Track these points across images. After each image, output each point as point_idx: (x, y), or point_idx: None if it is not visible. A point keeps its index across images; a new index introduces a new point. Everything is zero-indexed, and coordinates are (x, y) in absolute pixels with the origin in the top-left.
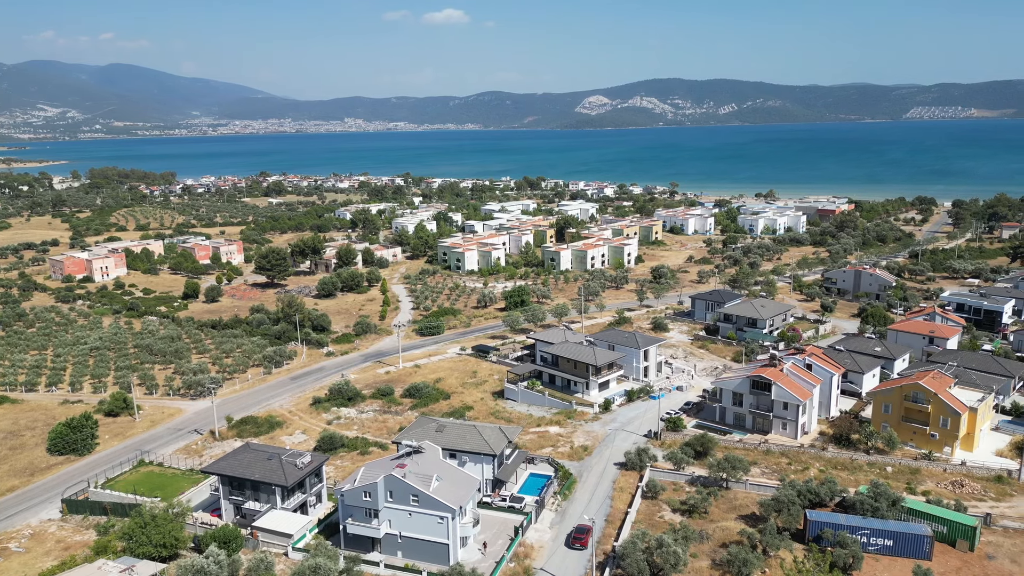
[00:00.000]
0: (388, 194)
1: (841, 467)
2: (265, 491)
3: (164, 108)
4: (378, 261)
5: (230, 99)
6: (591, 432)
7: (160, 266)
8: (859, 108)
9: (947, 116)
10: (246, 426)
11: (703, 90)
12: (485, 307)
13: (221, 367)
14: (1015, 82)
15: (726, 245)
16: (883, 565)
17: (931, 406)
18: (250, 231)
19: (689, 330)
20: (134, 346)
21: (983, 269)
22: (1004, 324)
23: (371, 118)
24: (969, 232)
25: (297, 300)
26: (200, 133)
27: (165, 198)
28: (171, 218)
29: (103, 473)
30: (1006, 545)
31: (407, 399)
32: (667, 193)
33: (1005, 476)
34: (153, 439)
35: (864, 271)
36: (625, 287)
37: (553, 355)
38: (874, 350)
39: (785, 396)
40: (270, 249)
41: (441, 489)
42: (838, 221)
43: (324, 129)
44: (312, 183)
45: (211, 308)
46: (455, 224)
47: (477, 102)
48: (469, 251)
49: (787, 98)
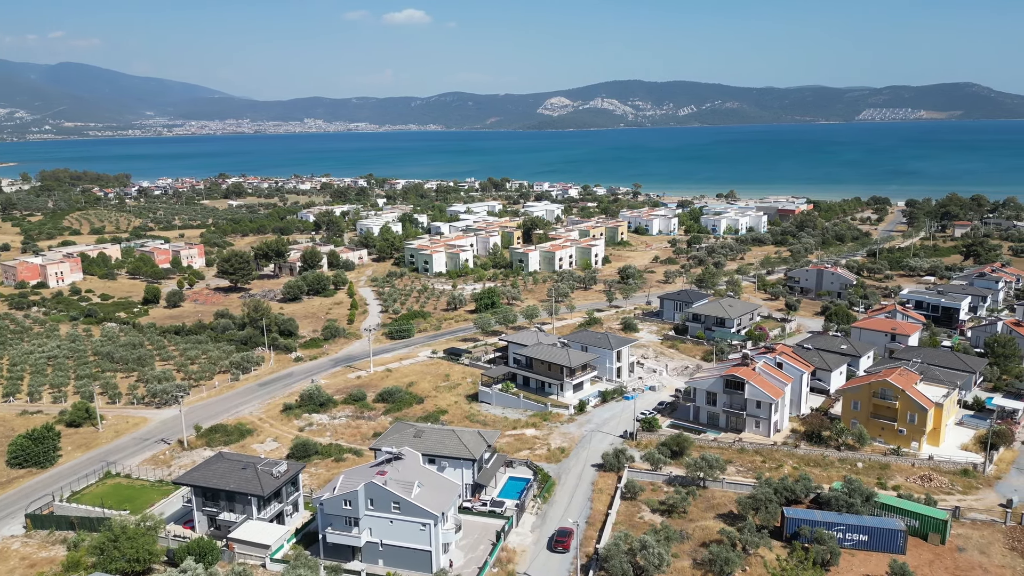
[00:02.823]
0: (351, 196)
1: (814, 464)
2: (241, 501)
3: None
4: (344, 264)
5: (185, 99)
6: (567, 434)
7: (118, 271)
8: (814, 110)
9: (898, 118)
10: (215, 434)
11: (663, 92)
12: (455, 309)
13: (186, 374)
14: (962, 84)
15: (690, 245)
16: (859, 560)
17: (899, 402)
18: (211, 234)
19: (658, 330)
20: (94, 354)
21: (938, 267)
22: (961, 320)
23: (331, 119)
24: (923, 231)
25: (263, 304)
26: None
27: (120, 201)
28: (127, 221)
29: (68, 486)
30: (975, 537)
31: (380, 404)
32: (631, 194)
33: (971, 470)
34: (118, 450)
35: (826, 270)
36: (593, 288)
37: (527, 357)
38: (840, 348)
39: (758, 395)
40: (233, 252)
41: (423, 495)
42: (798, 221)
43: (283, 130)
44: (273, 185)
45: (173, 314)
46: (421, 226)
47: (439, 103)
48: (437, 253)
49: (745, 100)
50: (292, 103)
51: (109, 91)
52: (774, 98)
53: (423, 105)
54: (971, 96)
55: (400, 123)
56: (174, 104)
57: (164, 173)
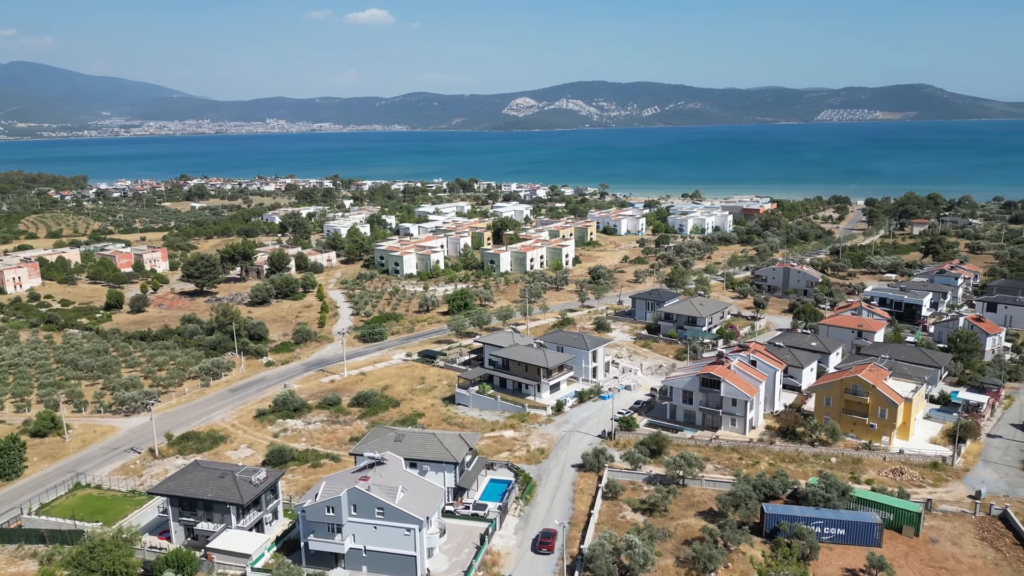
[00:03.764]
0: (317, 197)
1: (789, 460)
2: (219, 510)
3: (72, 108)
4: (312, 266)
5: (144, 99)
6: (546, 435)
7: (78, 275)
8: (774, 111)
9: (854, 118)
10: (188, 442)
11: (627, 92)
12: (427, 311)
13: (155, 381)
14: (916, 86)
15: (659, 245)
16: (837, 554)
17: (870, 398)
18: (173, 237)
19: (631, 329)
20: (57, 361)
21: (899, 264)
22: (924, 316)
23: (295, 119)
24: (882, 229)
25: (232, 309)
26: (112, 134)
27: (78, 203)
28: (86, 224)
29: (36, 498)
30: (947, 529)
31: (355, 408)
32: (598, 194)
33: (940, 463)
34: (87, 460)
35: (792, 268)
36: (565, 288)
37: (503, 358)
38: (811, 345)
39: (734, 392)
40: (198, 256)
41: (407, 500)
42: (763, 220)
43: (245, 130)
44: (236, 186)
45: (137, 319)
46: (389, 227)
47: (404, 103)
48: (407, 254)
49: (707, 100)
50: (254, 103)
51: (64, 91)
52: (736, 99)
53: (388, 105)
54: (925, 97)
55: (365, 123)
56: (132, 104)
57: (123, 175)
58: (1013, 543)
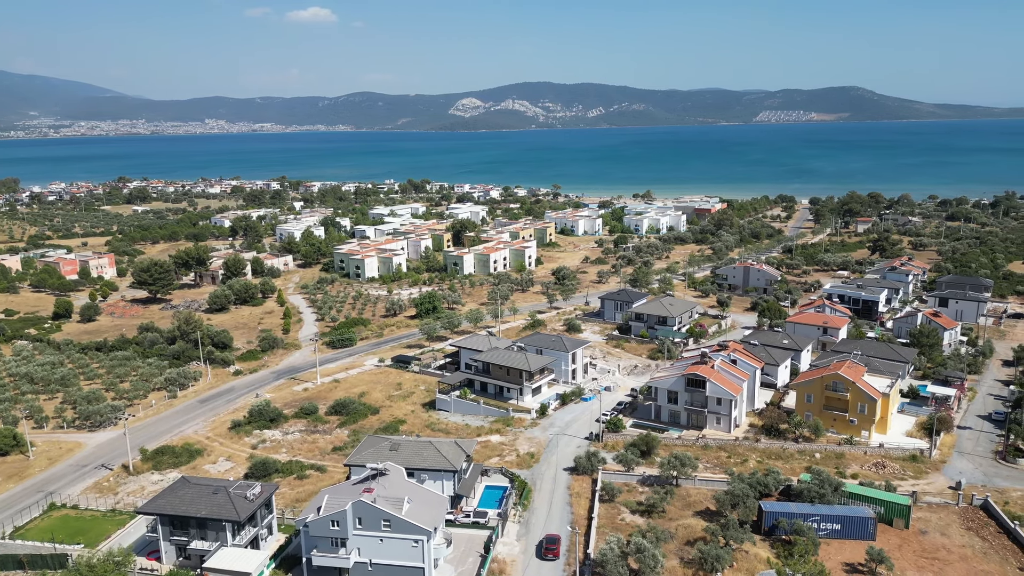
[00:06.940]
0: (266, 199)
1: (775, 457)
2: (213, 528)
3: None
4: (269, 271)
5: (74, 98)
6: (533, 438)
7: (19, 283)
8: (715, 112)
9: (791, 120)
10: (163, 456)
11: (572, 94)
12: (395, 315)
13: (118, 393)
14: (848, 88)
15: (617, 245)
16: (834, 548)
17: (850, 394)
18: (118, 242)
19: (601, 330)
20: (9, 375)
21: (849, 262)
22: (880, 312)
23: (235, 119)
24: (829, 227)
25: (194, 317)
26: (40, 135)
27: (11, 207)
28: (21, 230)
29: (8, 520)
30: (933, 519)
31: (334, 416)
32: (551, 195)
33: (919, 455)
34: (56, 478)
35: (752, 267)
36: (531, 289)
37: (484, 362)
38: (783, 343)
39: (718, 392)
40: (152, 262)
41: (414, 511)
42: (716, 219)
43: (183, 131)
44: (180, 188)
45: (89, 328)
46: (344, 229)
47: (348, 103)
48: (369, 257)
49: (650, 102)
50: (192, 103)
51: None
52: (677, 100)
53: (331, 105)
54: (856, 99)
55: (308, 123)
56: (61, 103)
57: (56, 177)
58: (997, 532)
